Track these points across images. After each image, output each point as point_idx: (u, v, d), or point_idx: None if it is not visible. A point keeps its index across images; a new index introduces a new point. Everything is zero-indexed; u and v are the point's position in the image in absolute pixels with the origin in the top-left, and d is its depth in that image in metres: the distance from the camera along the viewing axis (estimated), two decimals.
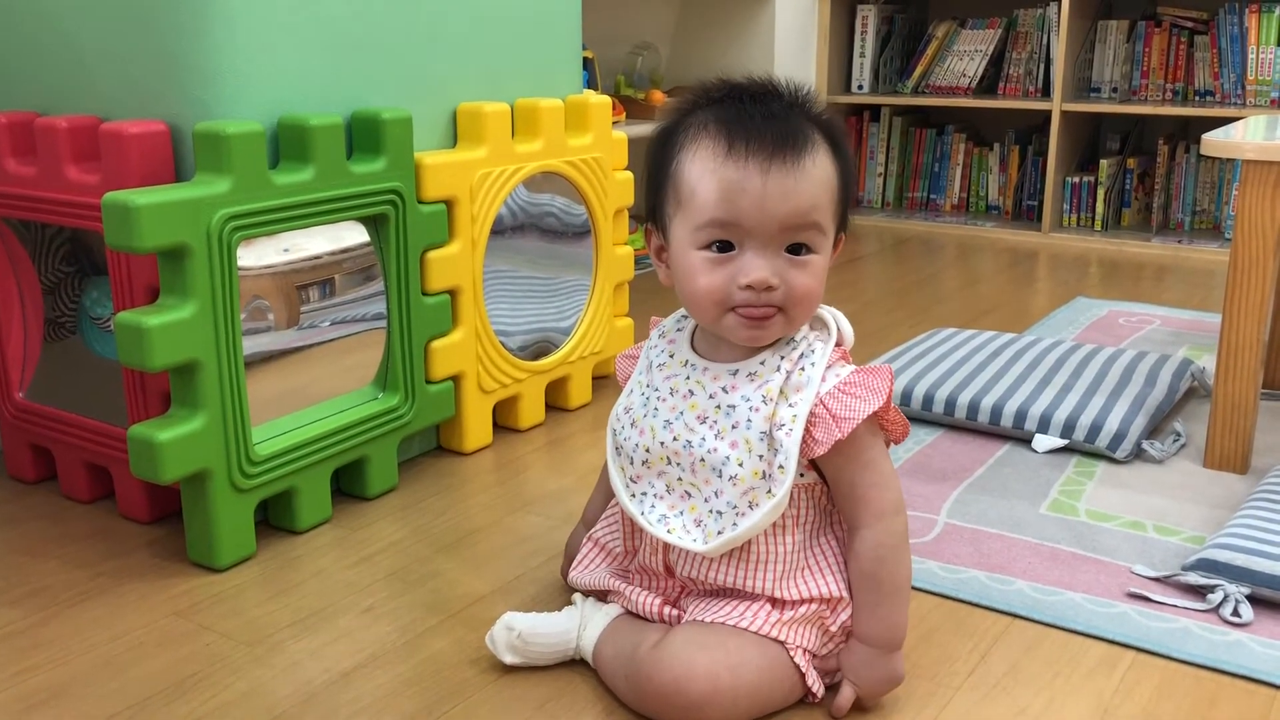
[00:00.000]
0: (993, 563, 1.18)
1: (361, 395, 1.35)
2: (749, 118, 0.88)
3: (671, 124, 0.94)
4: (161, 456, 1.09)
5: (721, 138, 0.88)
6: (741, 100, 0.90)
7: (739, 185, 0.86)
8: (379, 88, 1.35)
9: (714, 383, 0.93)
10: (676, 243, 0.91)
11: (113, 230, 1.06)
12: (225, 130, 1.12)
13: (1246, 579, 1.09)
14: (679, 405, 0.94)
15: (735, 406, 0.91)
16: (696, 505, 0.93)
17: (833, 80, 3.33)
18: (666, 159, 0.92)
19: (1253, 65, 2.93)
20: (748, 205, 0.86)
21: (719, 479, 0.91)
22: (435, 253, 1.38)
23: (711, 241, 0.88)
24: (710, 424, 0.92)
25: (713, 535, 0.91)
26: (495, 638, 0.98)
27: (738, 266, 0.88)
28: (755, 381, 0.91)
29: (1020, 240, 3.08)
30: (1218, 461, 1.44)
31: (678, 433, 0.93)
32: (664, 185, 0.92)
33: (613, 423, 1.00)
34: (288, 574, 1.17)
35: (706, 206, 0.88)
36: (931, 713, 0.93)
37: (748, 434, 0.90)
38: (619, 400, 1.01)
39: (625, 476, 0.98)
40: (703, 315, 0.92)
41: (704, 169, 0.88)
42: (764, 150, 0.87)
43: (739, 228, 0.87)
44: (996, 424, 1.54)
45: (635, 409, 0.98)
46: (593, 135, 1.62)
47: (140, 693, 0.96)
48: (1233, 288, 1.39)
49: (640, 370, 1.00)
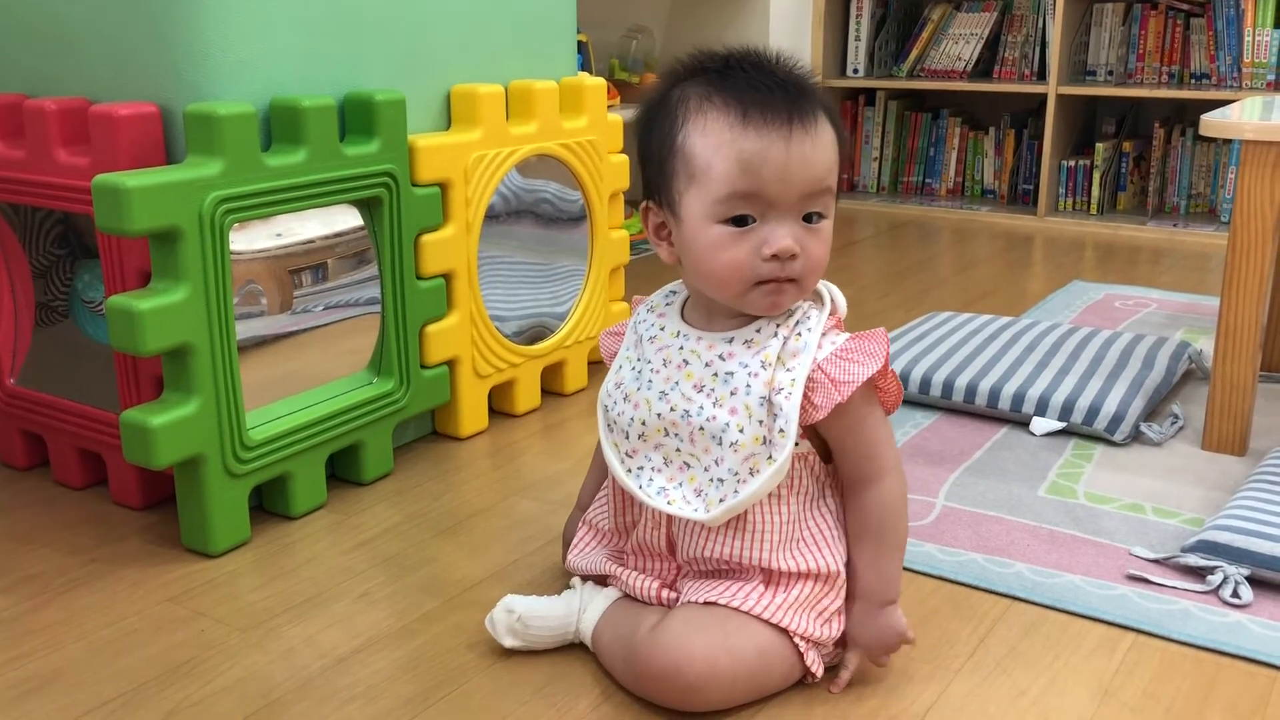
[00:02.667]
0: (992, 545, 1.18)
1: (356, 380, 1.34)
2: (758, 85, 0.86)
3: (661, 97, 0.91)
4: (154, 442, 1.08)
5: (734, 106, 0.85)
6: (743, 69, 0.88)
7: (760, 155, 0.84)
8: (372, 69, 1.34)
9: (709, 351, 0.92)
10: (690, 218, 0.88)
11: (103, 213, 1.05)
12: (217, 112, 1.11)
13: (1246, 560, 1.09)
14: (674, 375, 0.93)
15: (733, 373, 0.90)
16: (696, 475, 0.92)
17: (828, 63, 3.32)
18: (668, 133, 0.89)
19: (1249, 48, 2.92)
20: (770, 175, 0.84)
21: (719, 446, 0.90)
22: (429, 236, 1.37)
23: (732, 215, 0.86)
24: (708, 392, 0.91)
25: (714, 503, 0.90)
26: (495, 620, 0.98)
27: (760, 238, 0.86)
28: (752, 348, 0.90)
29: (1016, 224, 3.08)
30: (1216, 444, 1.43)
31: (674, 403, 0.92)
32: (669, 160, 0.89)
33: (603, 399, 0.98)
34: (282, 559, 1.16)
35: (726, 179, 0.85)
36: (931, 695, 0.93)
37: (747, 400, 0.89)
38: (608, 377, 0.99)
39: (620, 452, 0.96)
40: (723, 289, 0.89)
41: (719, 140, 0.85)
42: (781, 117, 0.85)
43: (761, 199, 0.85)
44: (994, 407, 1.53)
45: (626, 383, 0.96)
46: (588, 118, 1.61)
47: (134, 679, 0.95)
48: (1231, 269, 1.38)
49: (628, 345, 0.99)
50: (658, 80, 0.93)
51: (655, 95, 0.92)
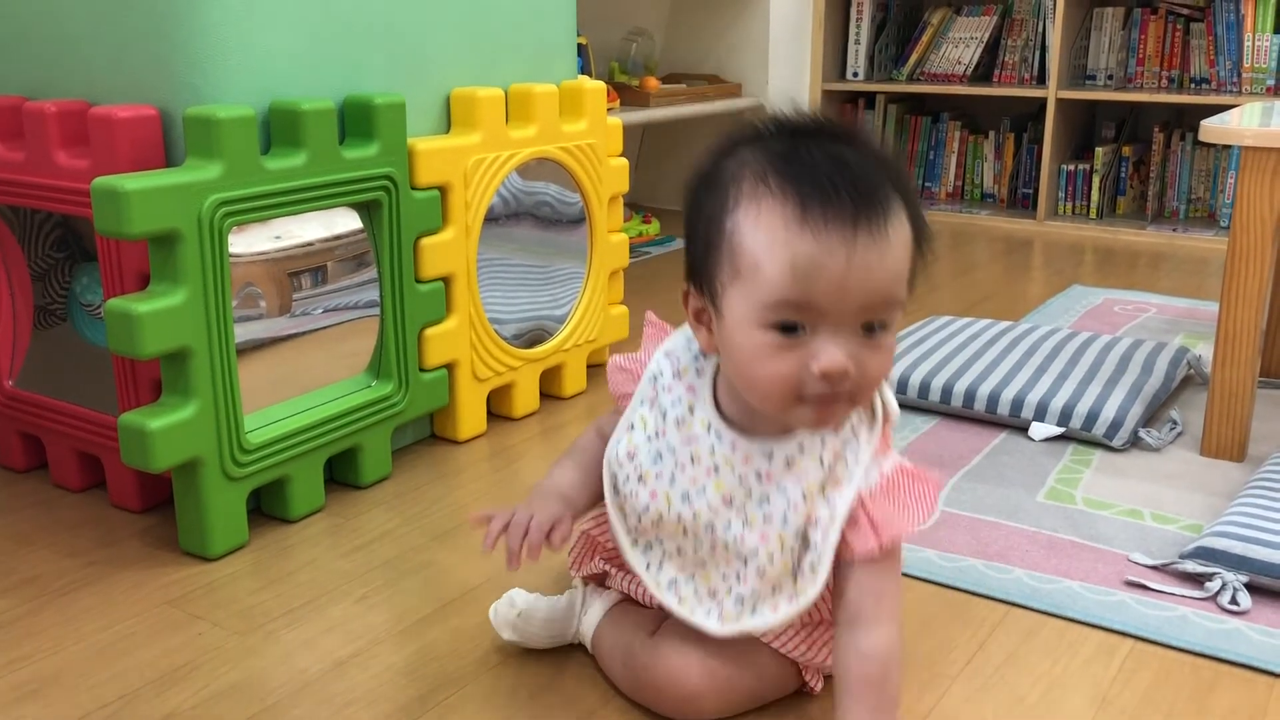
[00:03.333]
0: (990, 551, 1.18)
1: (355, 383, 1.34)
2: (818, 170, 0.73)
3: (715, 168, 0.79)
4: (153, 445, 1.08)
5: (791, 198, 0.73)
6: (810, 146, 0.76)
7: (816, 263, 0.72)
8: (372, 72, 1.34)
9: (745, 465, 0.82)
10: (732, 317, 0.76)
11: (102, 216, 1.05)
12: (216, 115, 1.11)
13: (1244, 567, 1.09)
14: (700, 479, 0.83)
15: (770, 498, 0.82)
16: (711, 575, 0.85)
17: (828, 67, 3.32)
18: (717, 217, 0.77)
19: (1249, 52, 2.92)
20: (826, 286, 0.72)
21: (743, 566, 0.83)
22: (429, 239, 1.37)
23: (779, 322, 0.74)
24: (738, 509, 0.82)
25: (730, 617, 0.84)
26: (498, 611, 0.98)
27: (809, 351, 0.74)
28: (794, 471, 0.81)
29: (1015, 228, 3.08)
30: (1215, 449, 1.43)
31: (698, 510, 0.83)
32: (714, 247, 0.77)
33: (612, 464, 0.88)
34: (280, 563, 1.16)
35: (776, 285, 0.73)
36: (929, 701, 0.93)
37: (783, 531, 0.81)
38: (618, 434, 0.88)
39: (627, 524, 0.88)
40: (765, 403, 0.78)
41: (771, 238, 0.73)
42: (844, 217, 0.72)
43: (813, 310, 0.73)
44: (993, 412, 1.53)
45: (643, 462, 0.86)
46: (587, 121, 1.61)
47: (132, 682, 0.95)
48: (1231, 275, 1.39)
49: (643, 401, 0.88)
50: (716, 143, 0.81)
51: (709, 161, 0.81)
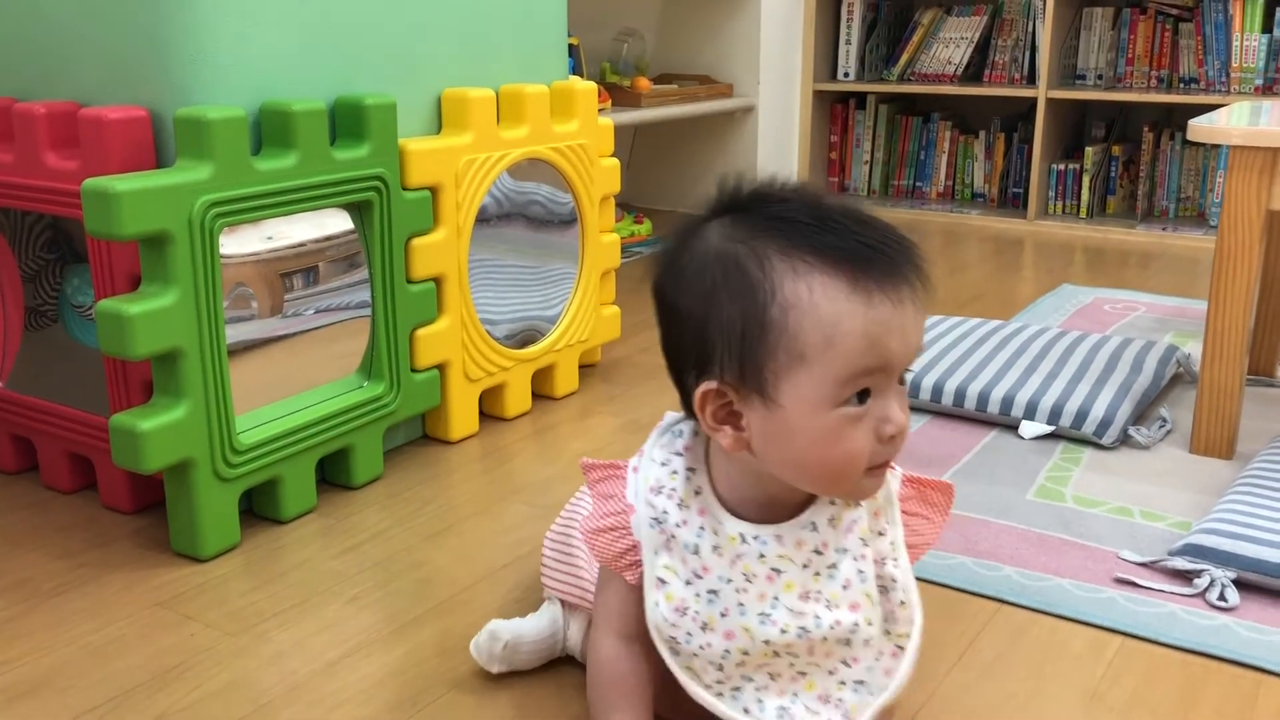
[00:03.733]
0: (980, 549, 1.18)
1: (346, 384, 1.34)
2: (850, 230, 0.72)
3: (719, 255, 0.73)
4: (144, 446, 1.08)
5: (841, 265, 0.71)
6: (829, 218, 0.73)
7: (887, 326, 0.70)
8: (363, 73, 1.34)
9: (799, 550, 0.78)
10: (796, 405, 0.72)
11: (93, 217, 1.05)
12: (207, 116, 1.11)
13: (1233, 563, 1.09)
14: (767, 591, 0.77)
15: (837, 565, 0.78)
16: (816, 681, 0.79)
17: (818, 67, 3.33)
18: (753, 307, 0.71)
19: (1237, 52, 2.93)
20: (898, 346, 0.71)
21: (848, 649, 0.79)
22: (420, 240, 1.37)
23: (855, 393, 0.71)
24: (815, 597, 0.77)
25: (858, 709, 0.79)
26: (480, 648, 0.95)
27: (878, 416, 0.72)
28: (840, 526, 0.78)
29: (1006, 228, 3.09)
30: (1204, 447, 1.44)
31: (784, 624, 0.77)
32: (759, 338, 0.71)
33: (662, 629, 0.79)
34: (272, 564, 1.16)
35: (853, 357, 0.70)
36: (920, 698, 0.93)
37: (865, 588, 0.78)
38: (647, 595, 0.79)
39: (705, 680, 0.80)
40: (834, 484, 0.74)
41: (836, 311, 0.70)
42: (894, 273, 0.71)
43: (883, 372, 0.71)
44: (983, 410, 1.54)
45: (699, 610, 0.78)
46: (579, 121, 1.61)
47: (123, 684, 0.95)
48: (1219, 273, 1.39)
49: (656, 551, 0.79)
50: (684, 224, 0.77)
51: (688, 243, 0.76)
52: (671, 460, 0.80)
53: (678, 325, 0.76)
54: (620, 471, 0.83)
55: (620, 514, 0.81)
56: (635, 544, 0.80)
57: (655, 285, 0.78)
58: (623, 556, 0.80)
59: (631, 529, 0.80)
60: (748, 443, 0.74)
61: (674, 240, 0.77)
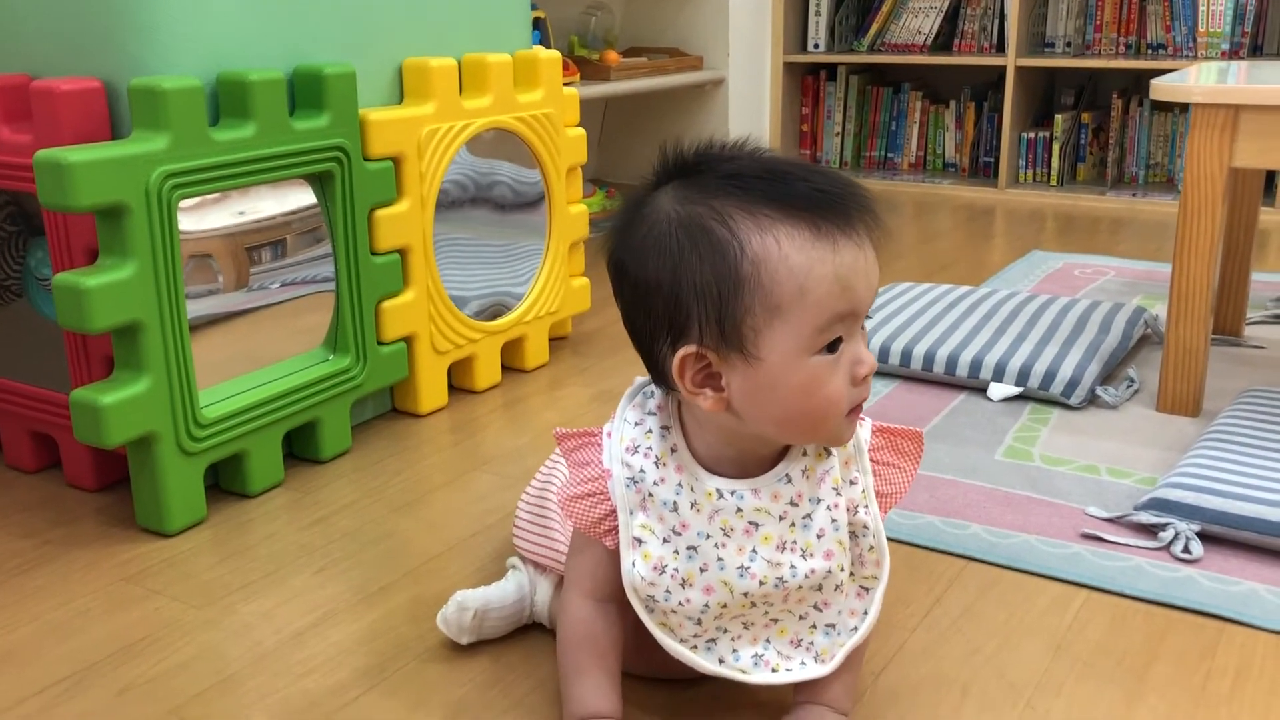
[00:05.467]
0: (948, 508, 1.19)
1: (312, 357, 1.33)
2: (801, 179, 0.73)
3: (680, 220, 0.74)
4: (105, 420, 1.07)
5: (801, 215, 0.72)
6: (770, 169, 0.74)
7: (854, 268, 0.72)
8: (321, 42, 1.33)
9: (775, 502, 0.79)
10: (776, 356, 0.72)
11: (46, 189, 1.03)
12: (161, 86, 1.09)
13: (1197, 516, 1.10)
14: (745, 544, 0.78)
15: (812, 515, 0.79)
16: (787, 626, 0.82)
17: (789, 39, 3.31)
18: (724, 265, 0.72)
19: (1204, 18, 2.94)
20: (864, 288, 0.73)
21: (819, 594, 0.80)
22: (383, 211, 1.36)
23: (830, 341, 0.73)
24: (791, 547, 0.79)
25: (828, 651, 0.81)
26: (448, 620, 0.94)
27: (850, 359, 0.74)
28: (814, 477, 0.79)
29: (977, 196, 3.09)
30: (1170, 405, 1.45)
31: (762, 575, 0.78)
32: (733, 296, 0.72)
33: (639, 589, 0.79)
34: (239, 537, 1.16)
35: (826, 303, 0.72)
36: (886, 654, 0.94)
37: (838, 535, 0.79)
38: (624, 555, 0.79)
39: (681, 635, 0.81)
40: (818, 430, 0.76)
41: (807, 263, 0.71)
42: (849, 216, 0.73)
43: (854, 316, 0.73)
44: (952, 374, 1.54)
45: (677, 567, 0.78)
46: (543, 91, 1.60)
47: (87, 658, 0.95)
48: (1183, 233, 1.40)
49: (631, 511, 0.79)
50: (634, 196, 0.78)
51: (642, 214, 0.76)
52: (645, 420, 0.81)
53: (644, 296, 0.76)
54: (595, 438, 0.83)
55: (597, 479, 0.80)
56: (613, 509, 0.80)
57: (612, 260, 0.78)
58: (601, 522, 0.80)
59: (609, 494, 0.80)
60: (728, 402, 0.75)
61: (625, 213, 0.77)
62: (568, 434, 0.84)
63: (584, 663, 0.83)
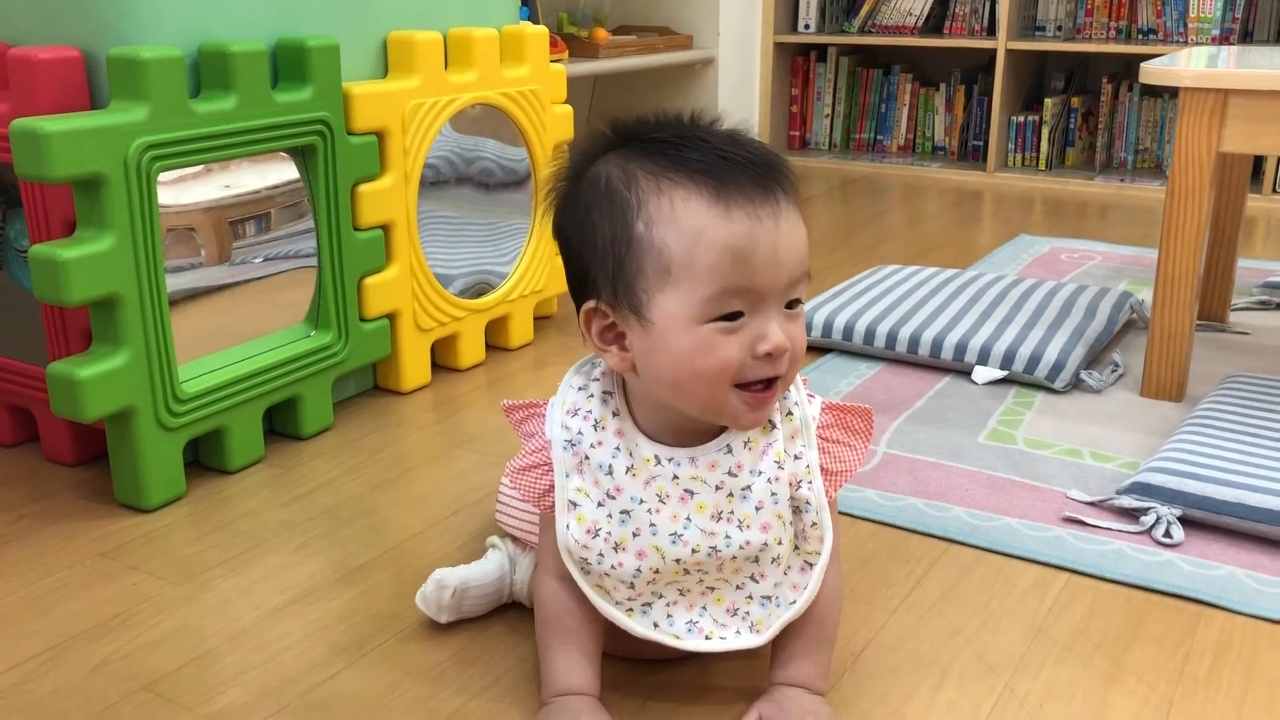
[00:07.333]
0: (930, 490, 1.19)
1: (293, 333, 1.32)
2: (717, 148, 0.73)
3: (587, 177, 0.77)
4: (83, 394, 1.06)
5: (702, 182, 0.73)
6: (695, 137, 0.75)
7: (752, 241, 0.72)
8: (305, 15, 1.31)
9: (713, 472, 0.79)
10: (666, 321, 0.73)
11: (22, 159, 1.02)
12: (141, 55, 1.08)
13: (1178, 501, 1.10)
14: (679, 511, 0.79)
15: (751, 487, 0.79)
16: (724, 595, 0.82)
17: (779, 19, 3.30)
18: (620, 226, 0.74)
19: (1195, 3, 2.93)
20: (763, 263, 0.72)
21: (755, 566, 0.80)
22: (366, 186, 1.35)
23: (724, 313, 0.73)
24: (728, 518, 0.79)
25: (764, 622, 0.81)
26: (428, 599, 0.93)
27: (753, 334, 0.73)
28: (755, 448, 0.79)
29: (966, 180, 3.09)
30: (1155, 390, 1.45)
31: (695, 543, 0.78)
32: (627, 257, 0.74)
33: (573, 551, 0.80)
34: (219, 513, 1.15)
35: (715, 274, 0.72)
36: (866, 635, 0.94)
37: (777, 509, 0.79)
38: (558, 518, 0.80)
39: (616, 598, 0.81)
40: (702, 400, 0.75)
41: (697, 228, 0.72)
42: (761, 194, 0.73)
43: (753, 292, 0.73)
44: (936, 357, 1.54)
45: (611, 531, 0.79)
46: (529, 67, 1.59)
47: (64, 632, 0.94)
48: (1170, 218, 1.39)
49: (568, 474, 0.80)
50: (570, 157, 0.79)
51: (573, 174, 0.78)
52: (589, 385, 0.82)
53: (563, 253, 0.79)
54: (540, 409, 0.84)
55: (541, 450, 0.82)
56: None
57: (553, 225, 0.80)
58: (547, 495, 0.81)
59: (551, 465, 0.81)
60: (632, 362, 0.77)
61: (565, 179, 0.79)
62: (515, 406, 0.85)
63: (555, 640, 0.83)
